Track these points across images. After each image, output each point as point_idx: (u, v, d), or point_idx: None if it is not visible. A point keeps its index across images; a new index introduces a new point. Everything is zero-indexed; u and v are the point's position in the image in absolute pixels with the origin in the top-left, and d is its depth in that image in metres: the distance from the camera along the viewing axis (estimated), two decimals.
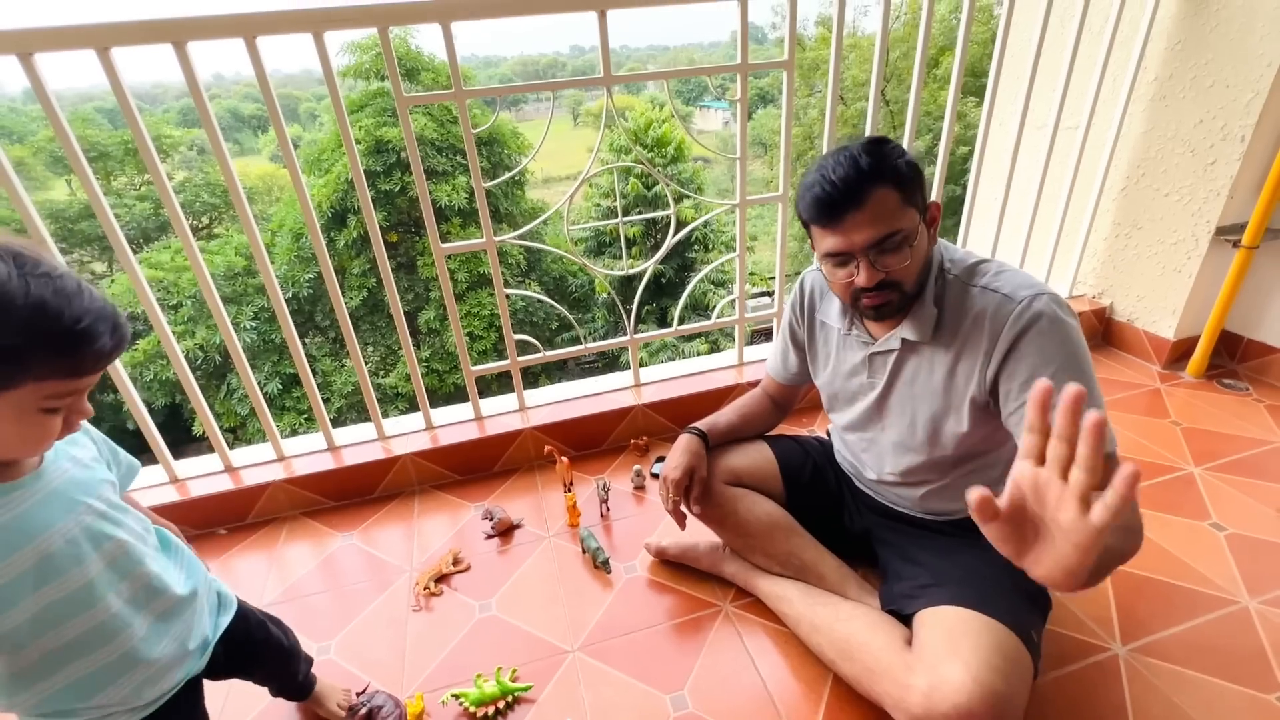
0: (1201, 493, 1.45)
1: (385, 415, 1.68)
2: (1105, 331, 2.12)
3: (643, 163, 1.85)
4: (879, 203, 0.86)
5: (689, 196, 9.08)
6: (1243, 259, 1.75)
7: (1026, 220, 1.96)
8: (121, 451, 0.80)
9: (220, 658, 0.84)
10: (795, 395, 1.33)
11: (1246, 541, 1.31)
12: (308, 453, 1.63)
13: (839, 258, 0.91)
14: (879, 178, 0.86)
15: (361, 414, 9.42)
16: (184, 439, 9.82)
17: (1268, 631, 1.12)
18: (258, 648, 0.92)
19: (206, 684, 0.86)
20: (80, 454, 0.72)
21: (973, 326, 0.92)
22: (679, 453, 1.18)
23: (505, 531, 1.47)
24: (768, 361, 1.30)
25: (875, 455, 1.13)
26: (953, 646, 0.86)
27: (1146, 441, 1.64)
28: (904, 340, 0.99)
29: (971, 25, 1.61)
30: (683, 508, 1.17)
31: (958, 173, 9.77)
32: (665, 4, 1.35)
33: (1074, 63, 1.74)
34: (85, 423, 0.69)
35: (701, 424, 1.25)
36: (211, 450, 1.61)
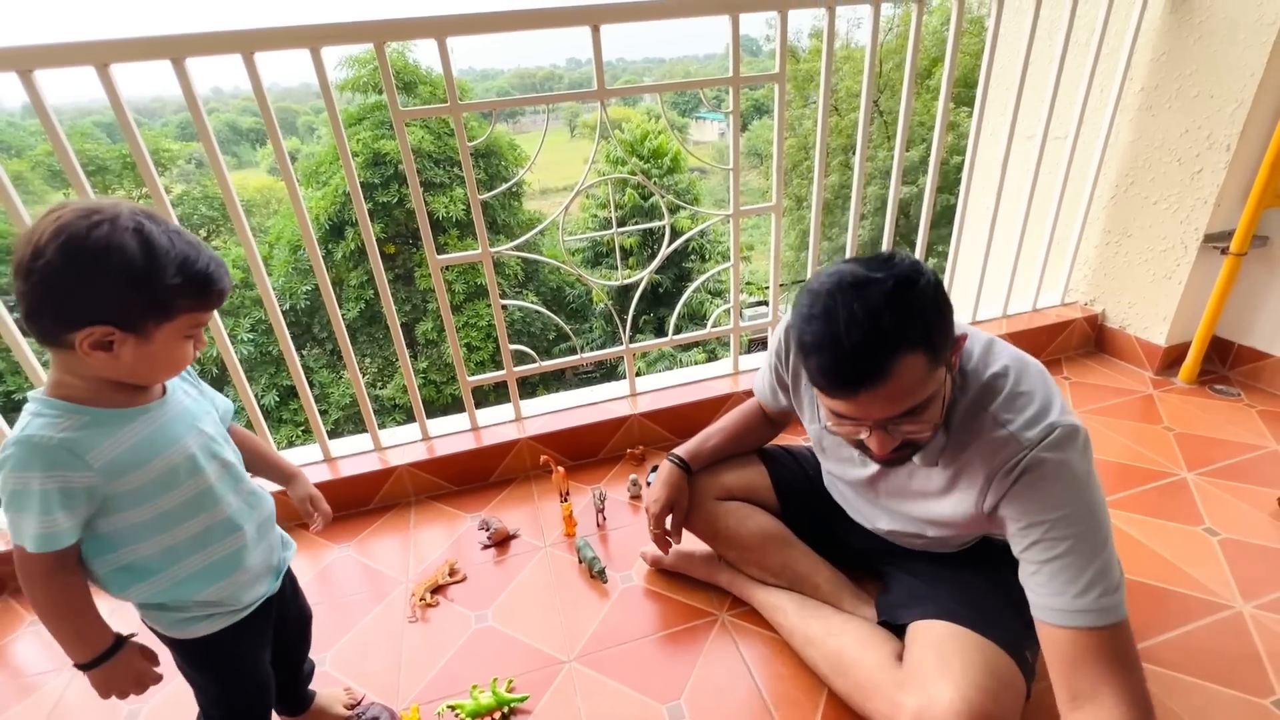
0: (1195, 498, 1.46)
1: (383, 426, 1.68)
2: (1098, 339, 2.13)
3: (638, 173, 1.87)
4: (903, 375, 0.71)
5: (684, 207, 9.15)
6: (1231, 266, 1.77)
7: (1018, 229, 1.98)
8: (219, 396, 0.90)
9: (279, 592, 0.93)
10: (790, 417, 1.26)
11: (1240, 546, 1.32)
12: (303, 464, 1.63)
13: (849, 420, 0.79)
14: (906, 344, 0.70)
15: (359, 426, 9.40)
16: None
17: (1262, 636, 1.12)
18: (297, 600, 1.03)
19: None
20: (189, 389, 0.84)
21: (975, 456, 0.84)
22: (659, 485, 1.19)
23: (502, 542, 1.47)
24: (755, 386, 1.23)
25: (866, 514, 1.12)
26: (943, 665, 0.86)
27: (1140, 447, 1.65)
28: None
29: (961, 37, 1.64)
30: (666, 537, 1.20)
31: (951, 182, 9.84)
32: (657, 18, 1.37)
33: (1061, 74, 1.77)
34: (191, 370, 0.84)
35: (685, 449, 1.22)
36: None
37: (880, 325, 0.70)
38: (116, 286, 0.65)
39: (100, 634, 0.75)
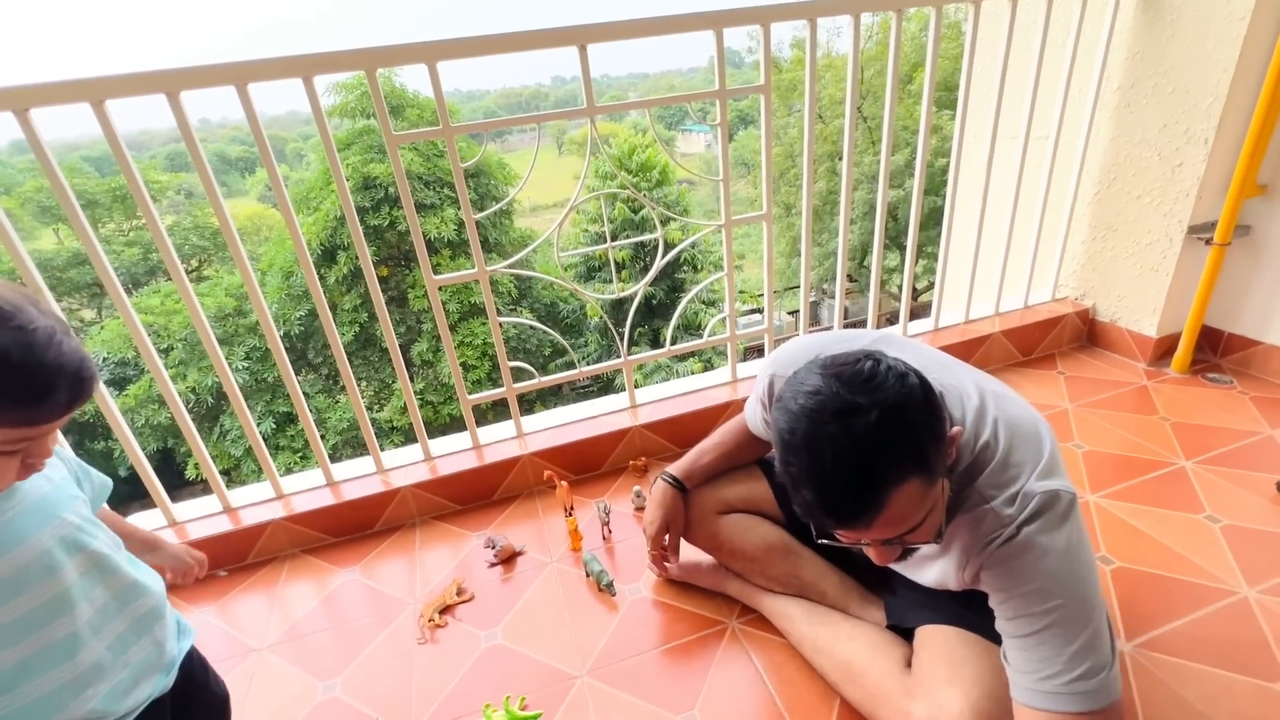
0: (1194, 486, 1.47)
1: (382, 449, 1.68)
2: (1090, 333, 2.15)
3: (628, 188, 1.89)
4: (898, 504, 0.68)
5: (674, 219, 9.21)
6: (1216, 256, 1.80)
7: (1005, 228, 2.01)
8: (93, 470, 0.83)
9: (178, 685, 0.83)
10: None
11: (1242, 532, 1.33)
12: (306, 489, 1.63)
13: (845, 535, 0.77)
14: (897, 476, 0.67)
15: (357, 450, 9.35)
16: (178, 483, 9.71)
17: (1268, 621, 1.13)
18: (207, 689, 0.92)
19: None
20: (51, 473, 0.74)
21: (961, 529, 0.83)
22: (654, 505, 1.19)
23: (508, 559, 1.47)
24: (746, 413, 1.19)
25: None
26: (953, 672, 0.86)
27: (1137, 438, 1.66)
28: None
29: (940, 42, 1.67)
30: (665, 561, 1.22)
31: (937, 184, 9.95)
32: (642, 36, 1.40)
33: (1040, 75, 1.81)
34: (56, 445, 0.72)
35: (678, 468, 1.21)
36: (208, 493, 1.60)
37: (869, 463, 0.66)
38: None
39: None
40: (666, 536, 1.21)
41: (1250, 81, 1.64)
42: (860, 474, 0.66)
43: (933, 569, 0.92)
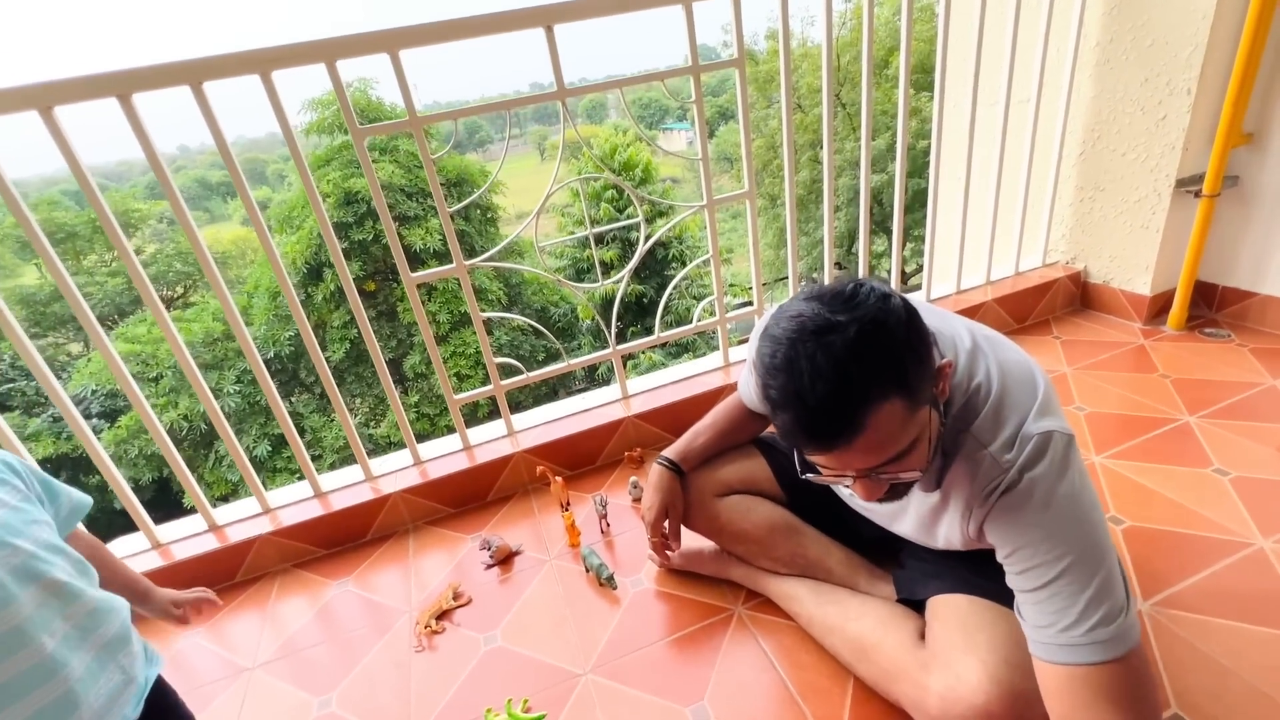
0: (1200, 440, 1.45)
1: (370, 459, 1.64)
2: (1083, 295, 2.13)
3: (609, 177, 1.85)
4: (879, 425, 0.65)
5: (657, 203, 9.17)
6: (1206, 208, 1.78)
7: (991, 197, 1.98)
8: (66, 489, 0.79)
9: (144, 715, 0.78)
10: None
11: (1252, 484, 1.30)
12: (294, 502, 1.58)
13: (829, 469, 0.74)
14: (877, 393, 0.64)
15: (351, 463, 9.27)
16: (176, 512, 9.57)
17: None
18: (176, 714, 0.87)
19: None
20: (5, 495, 0.70)
21: (959, 479, 0.80)
22: (651, 490, 1.15)
23: (505, 560, 1.43)
24: (740, 388, 1.18)
25: (874, 517, 1.07)
26: (968, 641, 0.83)
27: (1138, 396, 1.63)
28: None
29: (913, 26, 1.64)
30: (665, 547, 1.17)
31: (920, 166, 9.95)
32: (609, 14, 1.36)
33: (1016, 37, 1.78)
34: (16, 460, 0.70)
35: (674, 450, 1.17)
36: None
37: (846, 377, 0.63)
38: None
39: None
40: (666, 523, 1.16)
41: (1229, 29, 1.62)
42: (838, 390, 0.63)
43: (939, 528, 0.88)
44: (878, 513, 1.05)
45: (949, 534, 0.87)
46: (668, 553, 1.25)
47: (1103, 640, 0.69)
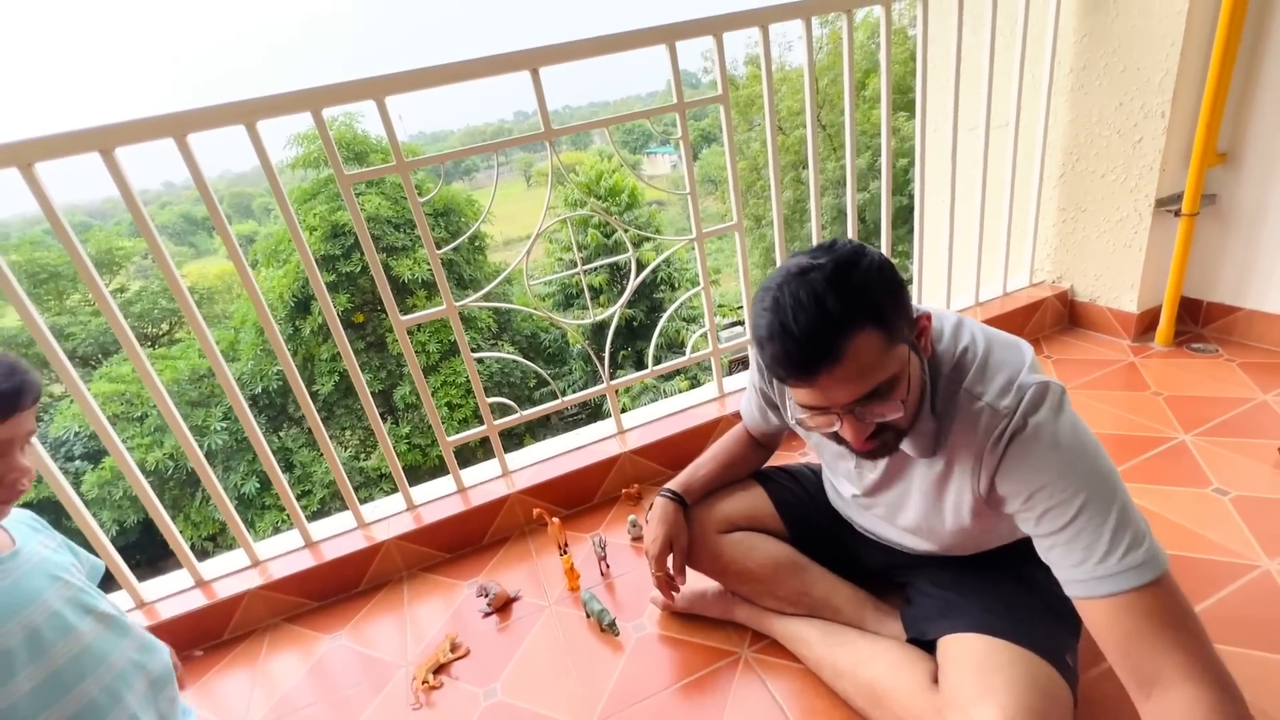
0: (1197, 459, 1.45)
1: (370, 498, 1.61)
2: (1071, 314, 2.15)
3: (596, 210, 1.86)
4: (858, 354, 0.69)
5: (648, 238, 9.24)
6: (1186, 226, 1.81)
7: (976, 218, 2.01)
8: (83, 552, 0.85)
9: None
10: (779, 438, 1.23)
11: (1252, 502, 1.30)
12: (284, 553, 1.54)
13: (817, 410, 0.77)
14: (854, 323, 0.69)
15: (345, 503, 9.12)
16: (163, 554, 9.36)
17: None
18: None
19: None
20: (47, 541, 0.77)
21: (960, 437, 0.82)
22: (655, 523, 1.13)
23: (503, 606, 1.39)
24: (742, 410, 1.20)
25: (875, 529, 1.07)
26: (984, 685, 0.80)
27: (1132, 415, 1.64)
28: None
29: (890, 46, 1.68)
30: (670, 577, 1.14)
31: (901, 183, 10.12)
32: (594, 55, 1.37)
33: (993, 65, 1.82)
34: (44, 523, 0.76)
35: (677, 483, 1.17)
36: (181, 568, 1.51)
37: (825, 306, 0.69)
38: None
39: None
40: (670, 558, 1.13)
41: (1198, 53, 1.67)
42: (818, 318, 0.69)
43: (946, 501, 0.88)
44: (874, 528, 1.03)
45: (958, 504, 0.86)
46: (673, 593, 1.22)
47: (1138, 565, 0.70)
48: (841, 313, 0.69)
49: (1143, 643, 0.70)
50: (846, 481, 1.04)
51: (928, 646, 0.96)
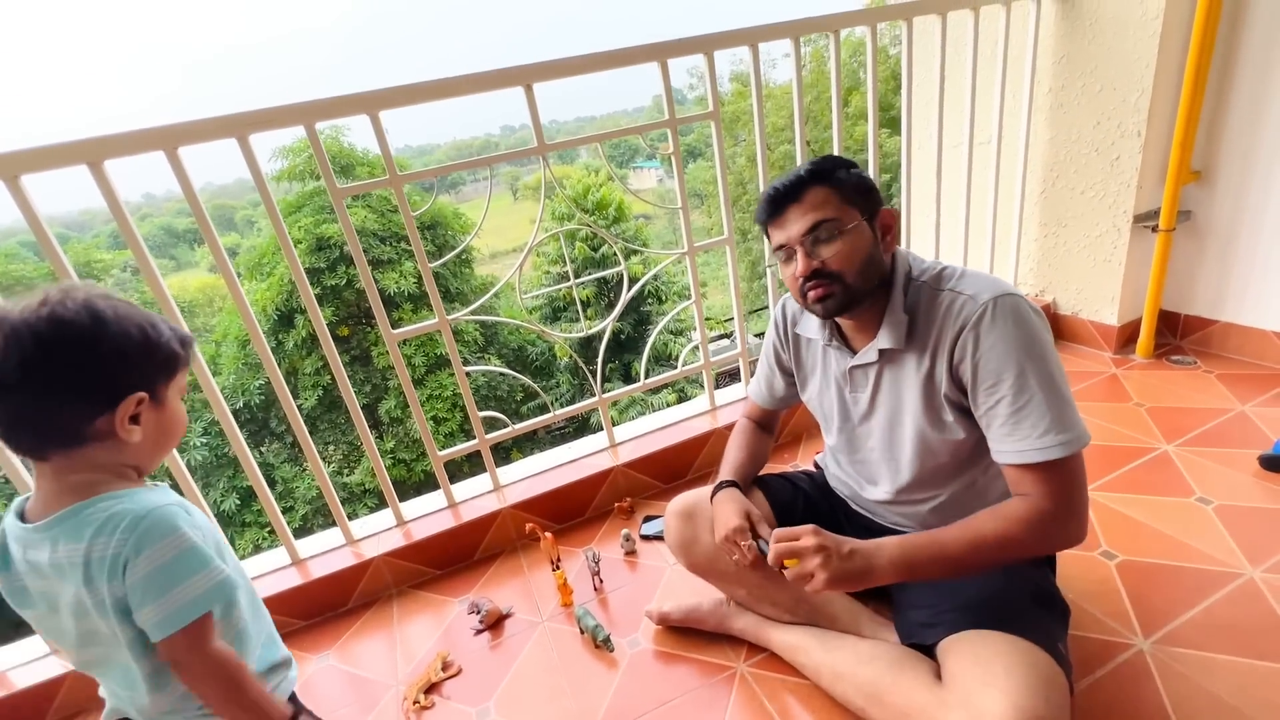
0: (1180, 469, 1.47)
1: (354, 514, 1.58)
2: (1054, 326, 2.19)
3: (587, 224, 1.87)
4: (814, 197, 0.92)
5: (637, 251, 9.26)
6: (1163, 242, 1.85)
7: (961, 233, 2.04)
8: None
9: None
10: (778, 418, 1.32)
11: (1235, 511, 1.32)
12: (271, 571, 1.51)
13: (783, 251, 0.96)
14: (817, 181, 0.93)
15: (328, 519, 8.96)
16: None
17: (1279, 600, 1.11)
18: None
19: None
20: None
21: (941, 327, 0.92)
22: (725, 505, 1.09)
23: (495, 623, 1.37)
24: (750, 388, 1.29)
25: (870, 473, 1.10)
26: (986, 674, 0.81)
27: (1116, 426, 1.67)
28: (881, 351, 0.97)
29: (878, 67, 1.71)
30: (759, 547, 1.06)
31: (886, 197, 10.27)
32: (588, 71, 1.39)
33: (975, 84, 1.86)
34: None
35: (726, 475, 1.18)
36: None
37: (800, 171, 0.94)
38: (139, 349, 0.67)
39: (280, 705, 0.74)
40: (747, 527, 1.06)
41: (1172, 73, 1.72)
42: (792, 179, 0.94)
43: (932, 394, 0.94)
44: (876, 434, 1.05)
45: (918, 409, 0.96)
46: (665, 612, 1.24)
47: (1075, 437, 0.84)
48: (809, 174, 0.93)
49: (1037, 486, 0.85)
50: (844, 420, 1.08)
51: (924, 651, 0.97)
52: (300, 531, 1.53)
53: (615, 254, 1.60)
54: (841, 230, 0.91)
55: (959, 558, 0.85)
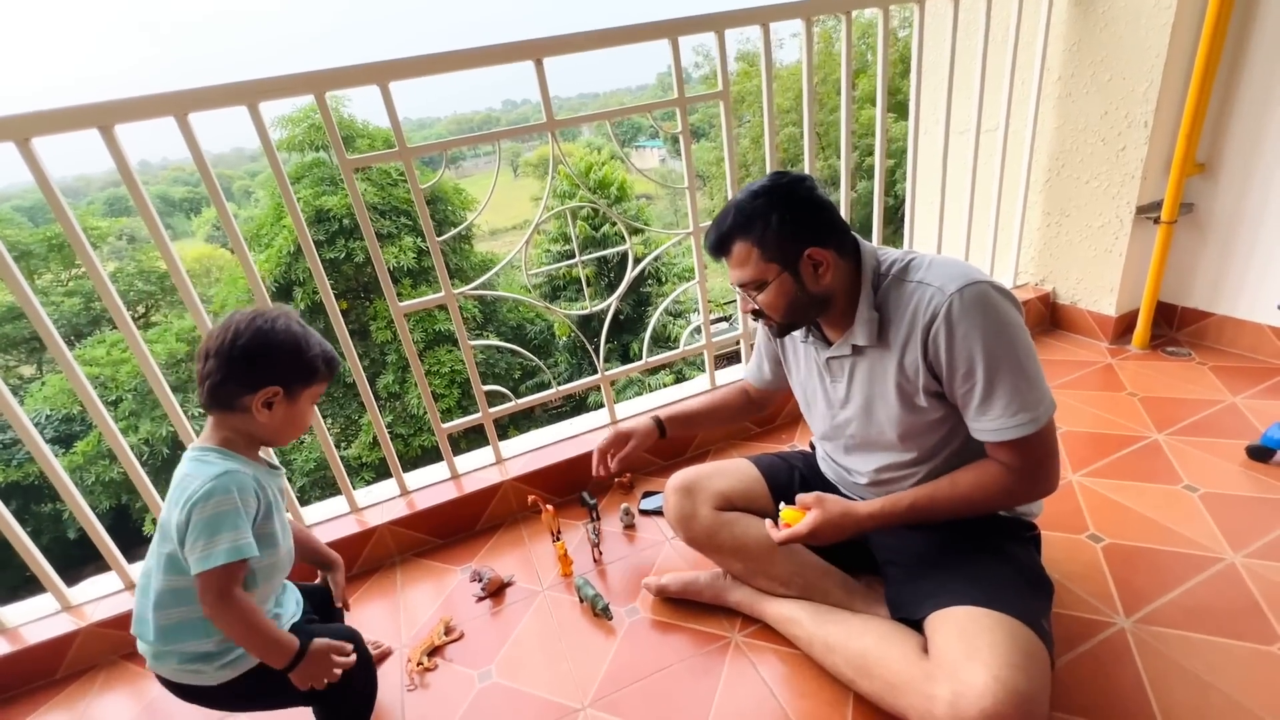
0: (1169, 457, 1.51)
1: (352, 488, 1.60)
2: (1052, 315, 2.21)
3: (593, 202, 1.87)
4: (738, 254, 0.99)
5: (642, 230, 9.22)
6: (1165, 234, 1.87)
7: (964, 220, 2.05)
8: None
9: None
10: (773, 399, 1.36)
11: (1220, 499, 1.36)
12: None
13: (732, 282, 1.04)
14: (737, 235, 0.98)
15: (325, 491, 9.03)
16: (135, 540, 9.20)
17: (1258, 584, 1.15)
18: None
19: None
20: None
21: (911, 321, 0.94)
22: (624, 423, 1.30)
23: (497, 591, 1.41)
24: (747, 368, 1.36)
25: (854, 459, 1.13)
26: (969, 648, 0.85)
27: (1109, 415, 1.70)
28: (854, 346, 1.02)
29: (872, 51, 1.71)
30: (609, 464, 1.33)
31: (889, 184, 10.23)
32: (598, 47, 1.38)
33: (985, 71, 1.86)
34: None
35: (662, 411, 1.36)
36: None
37: (728, 219, 0.99)
38: (286, 359, 0.91)
39: (288, 639, 0.91)
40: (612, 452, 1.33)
41: (1181, 65, 1.72)
42: (721, 221, 1.00)
43: (907, 381, 0.98)
44: (855, 421, 1.09)
45: (893, 396, 1.00)
46: (663, 583, 1.30)
47: (1042, 412, 0.90)
48: (730, 227, 0.99)
49: (1011, 457, 0.93)
50: (824, 407, 1.13)
51: (913, 626, 1.00)
52: (298, 504, 1.56)
53: (616, 233, 1.60)
54: (763, 288, 0.99)
55: (929, 510, 0.98)
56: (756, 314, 1.04)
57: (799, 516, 1.01)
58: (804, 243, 0.96)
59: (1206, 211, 1.88)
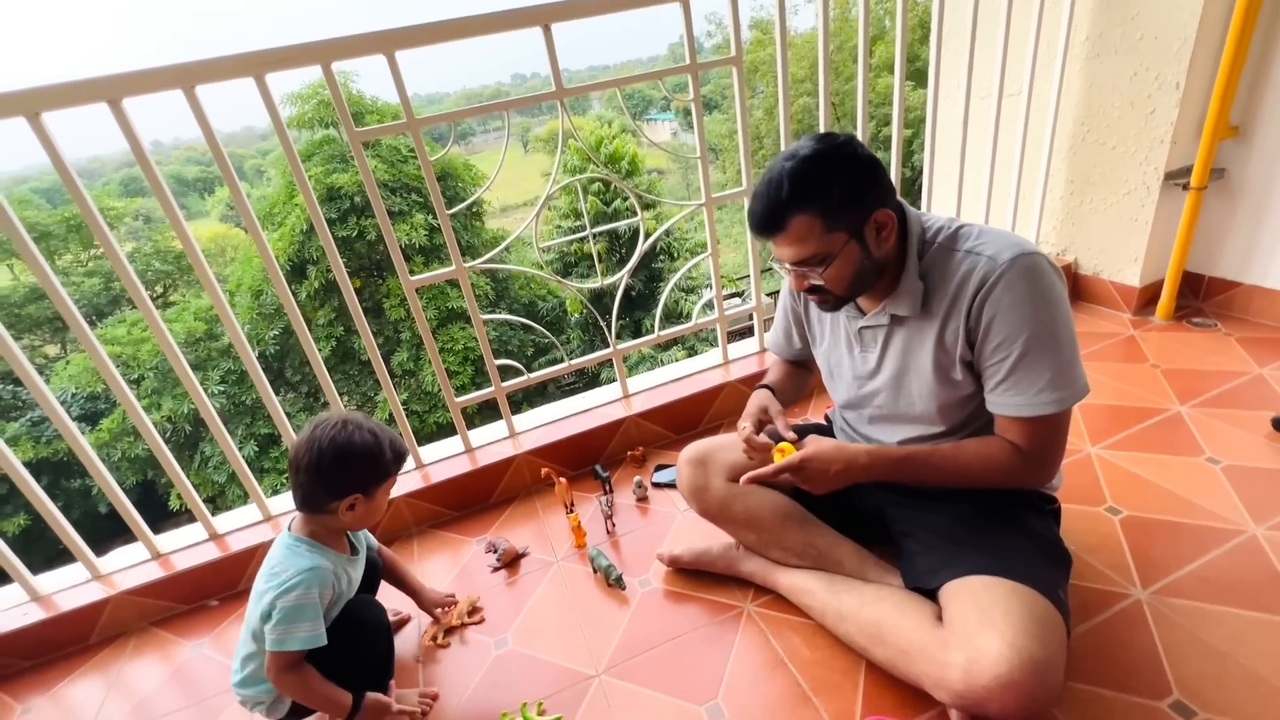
0: (1191, 429, 1.48)
1: None
2: (1073, 286, 2.16)
3: (603, 175, 1.84)
4: (797, 230, 0.89)
5: (656, 203, 9.10)
6: (1193, 200, 1.81)
7: (984, 189, 2.00)
8: (367, 534, 1.25)
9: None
10: (808, 364, 1.29)
11: (1243, 471, 1.33)
12: (289, 510, 1.56)
13: (777, 260, 0.97)
14: (797, 207, 0.88)
15: None
16: (161, 515, 9.47)
17: (1279, 556, 1.13)
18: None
19: None
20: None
21: (958, 290, 0.91)
22: (751, 401, 1.16)
23: (511, 562, 1.43)
24: (769, 340, 1.32)
25: (878, 429, 1.12)
26: (985, 616, 0.85)
27: (1130, 386, 1.67)
28: (893, 315, 0.99)
29: (893, 17, 1.65)
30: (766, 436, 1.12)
31: (906, 154, 10.01)
32: (608, 12, 1.35)
33: (1009, 31, 1.79)
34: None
35: (763, 382, 1.24)
36: (194, 523, 1.54)
37: (780, 191, 0.88)
38: (366, 468, 1.00)
39: (343, 695, 1.01)
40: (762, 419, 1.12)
41: (1217, 23, 1.64)
42: (772, 193, 0.89)
43: (945, 353, 0.95)
44: (883, 392, 1.07)
45: (928, 368, 0.97)
46: (675, 554, 1.30)
47: (1072, 393, 0.88)
48: (789, 199, 0.88)
49: (1022, 436, 0.92)
50: (850, 376, 1.10)
51: (928, 596, 1.00)
52: None
53: (628, 208, 1.58)
54: (828, 261, 0.91)
55: (923, 468, 0.97)
56: (813, 289, 0.96)
57: (793, 452, 1.00)
58: (870, 206, 0.90)
59: (1239, 177, 1.81)
